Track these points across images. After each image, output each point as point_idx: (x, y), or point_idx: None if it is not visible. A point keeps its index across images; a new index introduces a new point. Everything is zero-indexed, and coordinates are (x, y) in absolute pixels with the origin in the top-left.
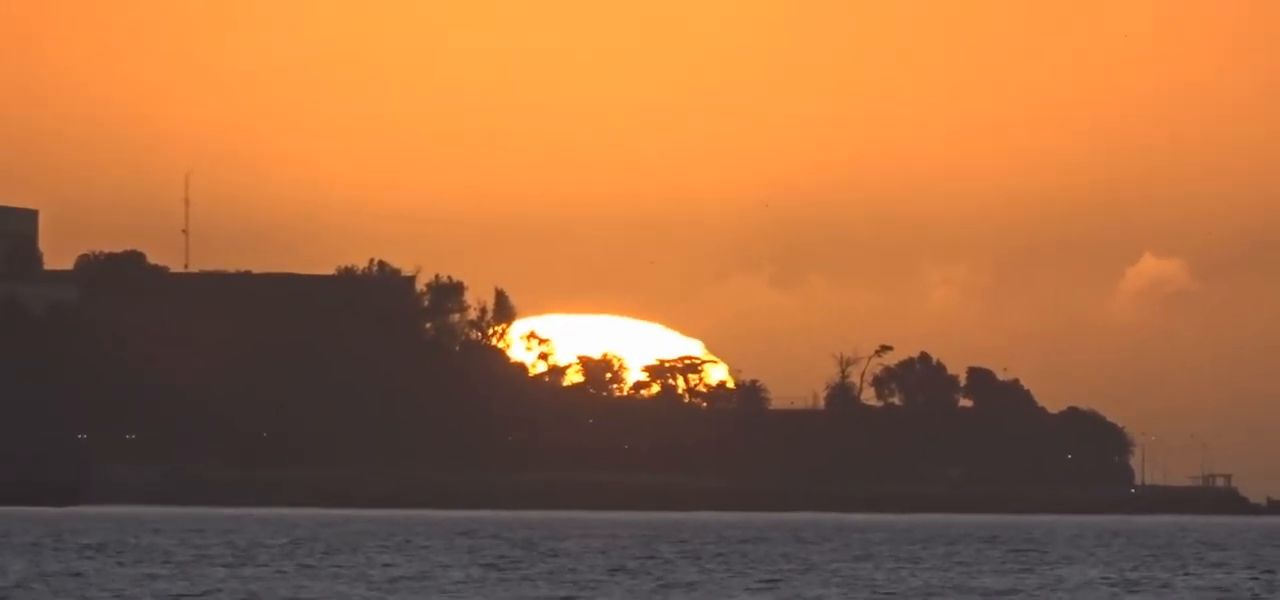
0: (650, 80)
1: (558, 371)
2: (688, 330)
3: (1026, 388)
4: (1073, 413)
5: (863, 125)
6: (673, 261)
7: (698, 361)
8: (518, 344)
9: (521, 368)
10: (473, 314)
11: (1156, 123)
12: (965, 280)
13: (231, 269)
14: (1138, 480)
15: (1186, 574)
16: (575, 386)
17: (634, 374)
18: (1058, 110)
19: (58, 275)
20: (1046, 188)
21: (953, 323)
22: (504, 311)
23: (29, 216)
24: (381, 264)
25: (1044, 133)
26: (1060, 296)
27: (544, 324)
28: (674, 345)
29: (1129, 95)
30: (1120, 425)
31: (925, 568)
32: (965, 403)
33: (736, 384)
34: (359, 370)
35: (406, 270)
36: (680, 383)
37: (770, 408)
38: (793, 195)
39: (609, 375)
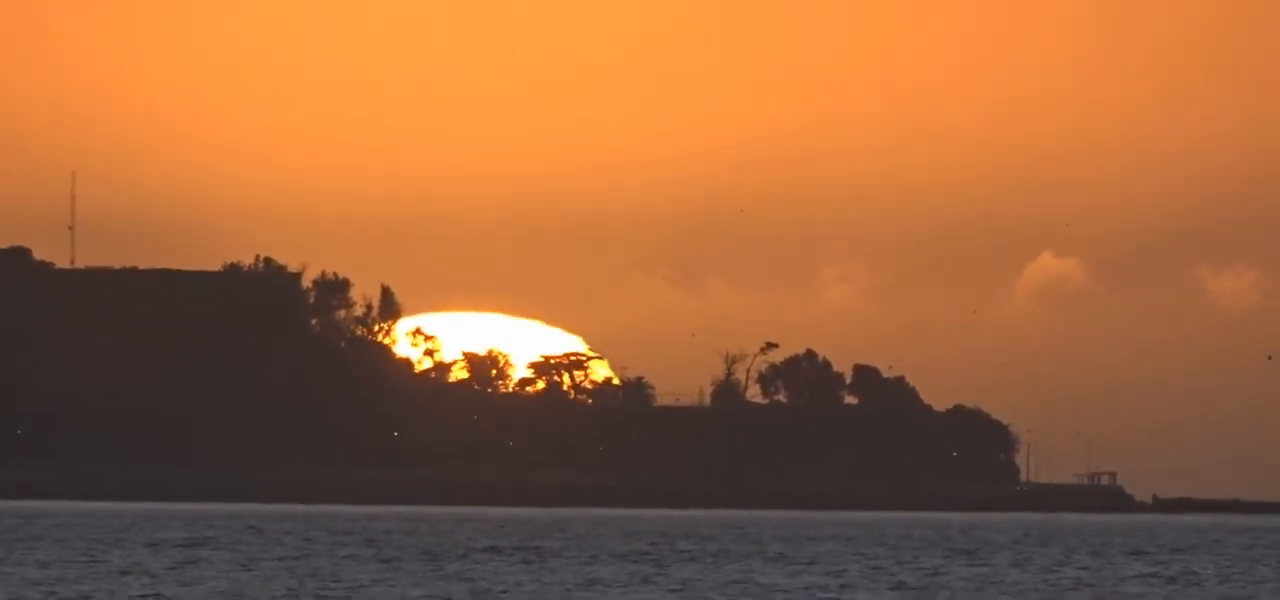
0: (541, 75)
1: (443, 368)
2: (574, 328)
3: (912, 385)
4: (958, 411)
5: (759, 123)
6: (561, 260)
7: (583, 358)
8: (403, 340)
9: (407, 364)
10: (359, 310)
11: (1060, 121)
12: (862, 280)
13: (118, 265)
14: (1023, 478)
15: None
16: (460, 383)
17: (519, 371)
18: (959, 108)
19: None
20: (946, 188)
21: (845, 321)
22: (390, 308)
23: None
24: (267, 260)
25: (944, 133)
26: (955, 296)
27: (430, 322)
28: (559, 343)
29: (1030, 93)
30: (1006, 423)
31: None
32: (851, 400)
33: (621, 381)
34: (245, 367)
35: (292, 266)
36: (566, 379)
37: (655, 404)
38: (687, 193)
39: (494, 372)
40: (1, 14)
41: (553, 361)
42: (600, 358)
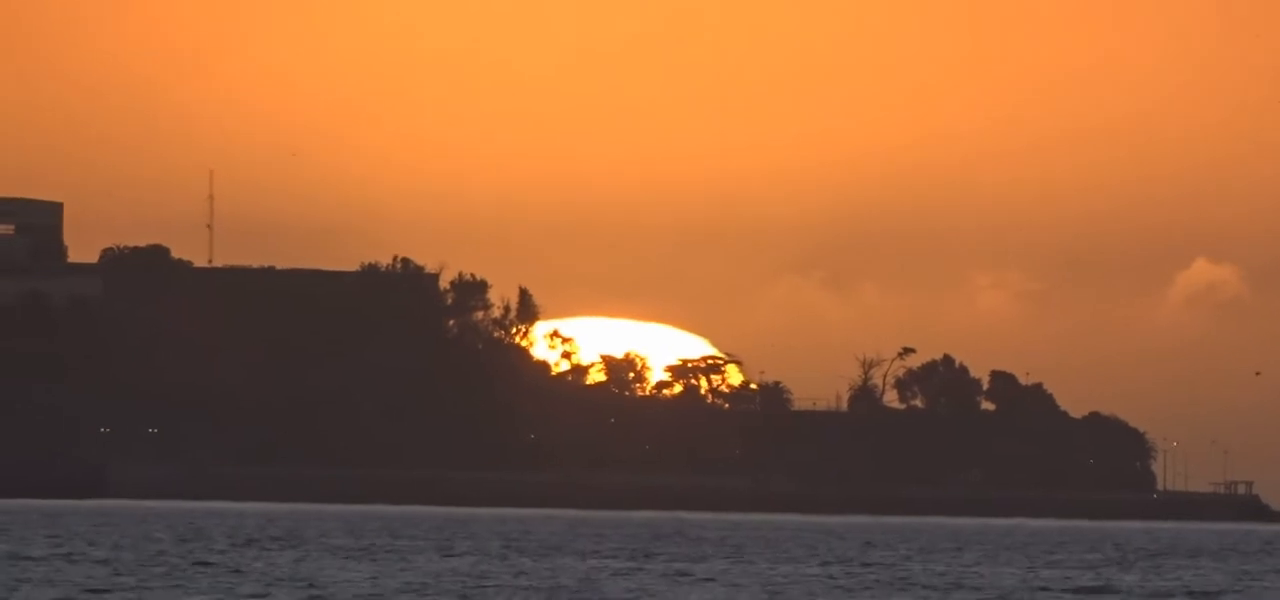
0: (688, 78)
1: (580, 370)
2: (711, 333)
3: (1049, 391)
4: (1095, 418)
5: (908, 128)
6: (700, 264)
7: (720, 361)
8: (541, 343)
9: (544, 366)
10: (496, 312)
11: (1212, 129)
12: (1015, 286)
13: (255, 265)
14: (1160, 486)
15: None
16: (597, 386)
17: (656, 374)
18: (1117, 113)
19: (81, 269)
20: (1103, 193)
21: (994, 328)
22: (527, 311)
23: (53, 209)
24: (405, 261)
25: (1100, 137)
26: (1109, 302)
27: (567, 326)
28: (697, 348)
29: (1183, 101)
30: (1143, 431)
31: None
32: (987, 406)
33: (759, 385)
34: (382, 368)
35: (430, 267)
36: (702, 383)
37: (793, 409)
38: (835, 198)
39: (631, 375)
40: (143, 14)
41: (690, 365)
42: (737, 361)
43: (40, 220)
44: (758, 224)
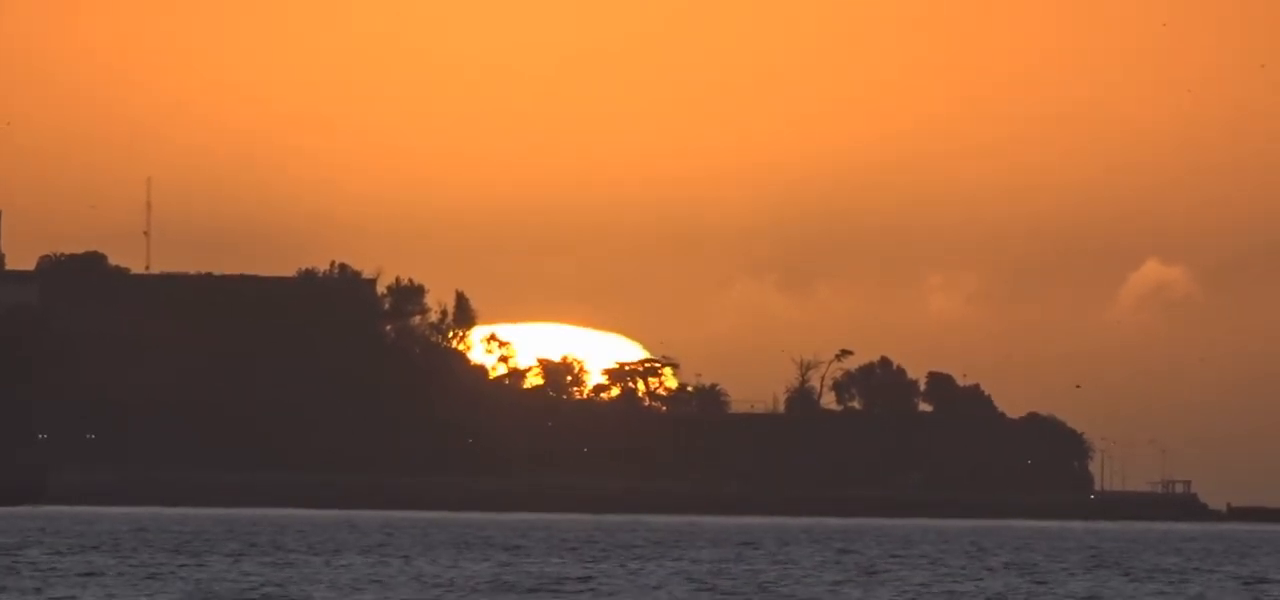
0: (619, 82)
1: (518, 375)
2: (646, 337)
3: (987, 393)
4: (1033, 418)
5: (859, 129)
6: (635, 269)
7: (657, 364)
8: (478, 346)
9: (481, 370)
10: (433, 317)
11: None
12: (966, 287)
13: (192, 271)
14: (1097, 486)
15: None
16: (535, 390)
17: (594, 377)
18: (1063, 115)
19: (19, 276)
20: (1056, 194)
21: (937, 328)
22: (464, 316)
23: None
24: (342, 266)
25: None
26: (1054, 303)
27: (504, 331)
28: (632, 352)
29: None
30: (1081, 431)
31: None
32: (925, 407)
33: (696, 388)
34: (319, 372)
35: (367, 273)
36: (640, 386)
37: (729, 411)
38: (784, 201)
39: (569, 379)
40: (77, 22)
41: (627, 368)
42: (673, 364)
43: None
44: (704, 228)
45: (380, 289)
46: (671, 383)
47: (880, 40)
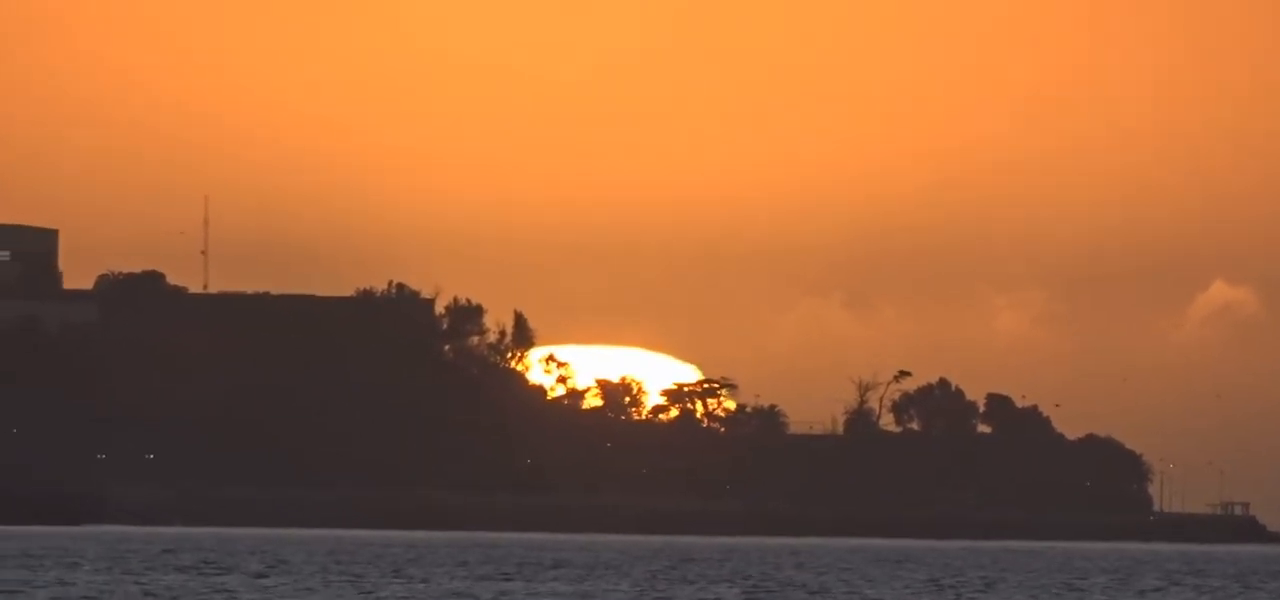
0: (683, 100)
1: (576, 395)
2: (705, 359)
3: (1045, 414)
4: (1091, 439)
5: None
6: (695, 289)
7: (716, 385)
8: (536, 367)
9: (540, 391)
10: (491, 337)
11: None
12: (1028, 306)
13: (250, 290)
14: (1156, 507)
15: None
16: (593, 410)
17: (652, 398)
18: (1131, 134)
19: (77, 295)
20: (1121, 212)
21: (1001, 348)
22: (523, 336)
23: (49, 236)
24: (400, 286)
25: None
26: (1119, 323)
27: (562, 352)
28: (692, 372)
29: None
30: (1139, 452)
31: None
32: (984, 428)
33: (754, 409)
34: (377, 392)
35: (425, 292)
36: (698, 407)
37: (788, 432)
38: (850, 219)
39: (627, 399)
40: (137, 38)
41: (686, 389)
42: (732, 386)
43: (35, 247)
44: (766, 248)
45: (438, 309)
46: (730, 404)
47: (947, 57)
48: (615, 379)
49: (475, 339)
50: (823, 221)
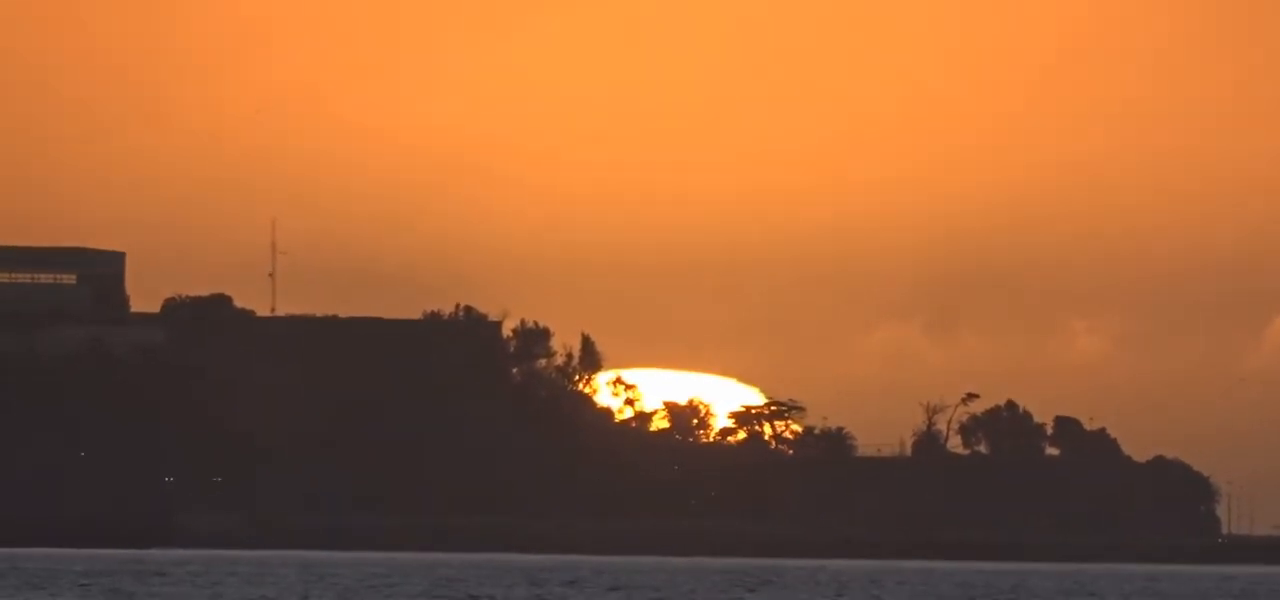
0: (757, 123)
1: (644, 417)
2: (776, 381)
3: (1113, 437)
4: (1159, 462)
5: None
6: (764, 312)
7: (784, 407)
8: (604, 390)
9: (608, 413)
10: (559, 360)
11: None
12: (1110, 329)
13: (318, 313)
14: (1224, 530)
15: None
16: (661, 432)
17: (720, 420)
18: (1213, 156)
19: (144, 318)
20: (1194, 237)
21: (1072, 371)
22: (591, 359)
23: (116, 259)
24: (468, 308)
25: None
26: (1196, 344)
27: (629, 375)
28: (757, 395)
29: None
30: (1206, 474)
31: None
32: (1052, 451)
33: (822, 431)
34: (445, 416)
35: (493, 315)
36: (766, 429)
37: (857, 455)
38: (924, 242)
39: (695, 421)
40: (204, 60)
41: (754, 411)
42: (800, 408)
43: (103, 269)
44: (839, 269)
45: (506, 332)
46: (797, 426)
47: (1028, 79)
48: (683, 402)
49: (543, 362)
50: (901, 244)
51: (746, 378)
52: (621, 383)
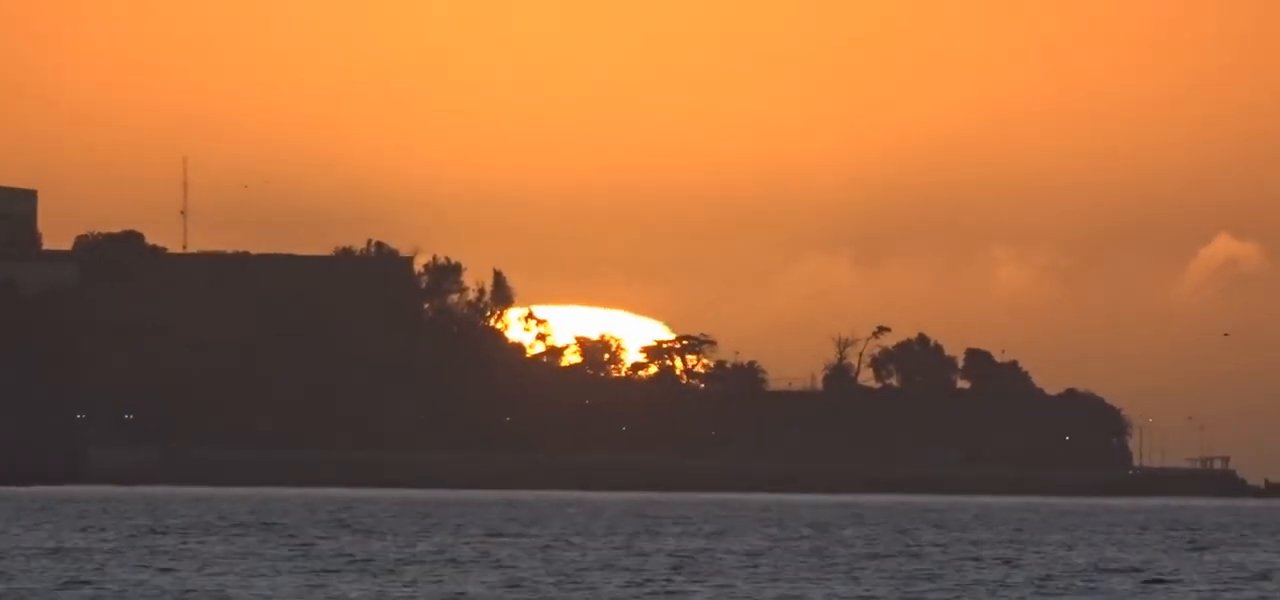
0: (662, 63)
1: (556, 352)
2: (686, 317)
3: (1024, 369)
4: (1071, 395)
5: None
6: (673, 249)
7: (695, 342)
8: (515, 325)
9: (519, 348)
10: (471, 296)
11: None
12: (1029, 262)
13: (230, 250)
14: (1136, 462)
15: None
16: (573, 367)
17: (632, 355)
18: (1134, 93)
19: (56, 256)
20: (1121, 172)
21: (975, 306)
22: (502, 295)
23: (28, 197)
24: (380, 245)
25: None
26: (1122, 278)
27: (541, 310)
28: (666, 330)
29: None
30: (1118, 407)
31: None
32: (963, 384)
33: (733, 366)
34: (356, 351)
35: (404, 251)
36: (678, 364)
37: (768, 389)
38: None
39: (607, 356)
40: (115, 2)
41: (665, 346)
42: (710, 342)
43: (14, 208)
44: (755, 207)
45: (418, 267)
46: (709, 362)
47: (951, 18)
48: (594, 337)
49: (454, 297)
50: (827, 180)
51: (659, 314)
52: (533, 318)
